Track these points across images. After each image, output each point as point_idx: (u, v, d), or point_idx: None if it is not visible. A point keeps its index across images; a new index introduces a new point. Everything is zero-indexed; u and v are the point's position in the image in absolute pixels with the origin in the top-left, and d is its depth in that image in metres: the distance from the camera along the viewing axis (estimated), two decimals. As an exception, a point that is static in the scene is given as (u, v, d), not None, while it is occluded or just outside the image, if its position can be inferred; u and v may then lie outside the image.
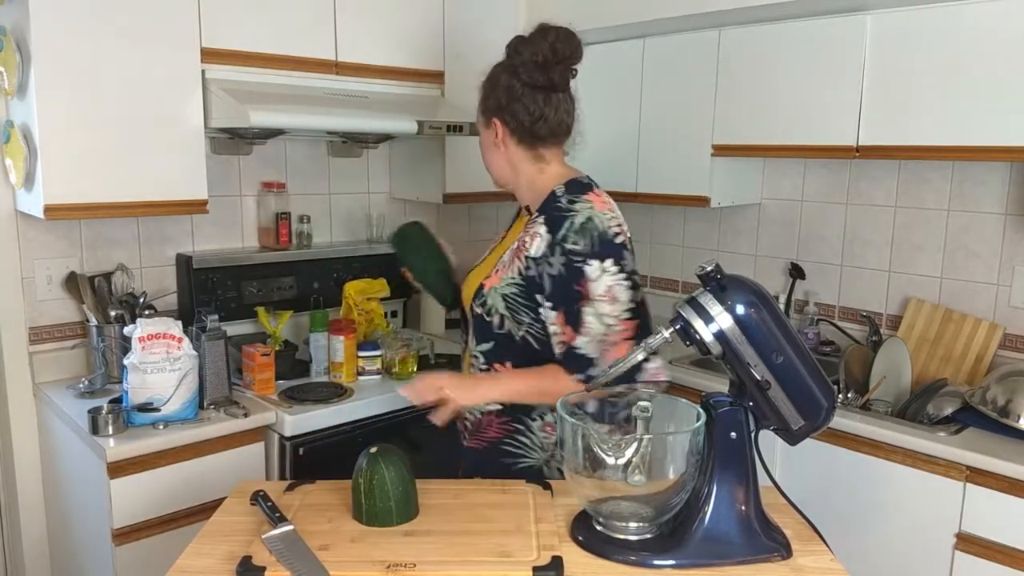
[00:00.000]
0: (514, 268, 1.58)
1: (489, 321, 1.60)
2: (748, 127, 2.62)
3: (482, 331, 1.63)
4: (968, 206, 2.47)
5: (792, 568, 1.21)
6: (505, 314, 1.58)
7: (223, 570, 1.18)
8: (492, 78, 1.64)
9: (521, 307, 1.57)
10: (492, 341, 1.61)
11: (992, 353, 2.41)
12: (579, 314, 1.51)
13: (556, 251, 1.52)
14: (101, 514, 1.98)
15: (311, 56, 2.40)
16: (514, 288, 1.57)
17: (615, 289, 1.51)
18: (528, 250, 1.56)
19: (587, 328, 1.51)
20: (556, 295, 1.52)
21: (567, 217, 1.53)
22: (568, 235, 1.52)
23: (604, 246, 1.51)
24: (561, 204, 1.55)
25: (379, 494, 1.30)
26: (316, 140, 2.81)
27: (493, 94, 1.63)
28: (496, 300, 1.59)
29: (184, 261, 2.49)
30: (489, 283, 1.61)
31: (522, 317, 1.57)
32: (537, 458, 1.63)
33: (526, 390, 1.57)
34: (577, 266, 1.50)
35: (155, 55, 2.12)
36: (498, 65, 1.64)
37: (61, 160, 2.02)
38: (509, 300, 1.57)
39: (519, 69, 1.60)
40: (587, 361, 1.51)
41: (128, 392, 2.03)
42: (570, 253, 1.51)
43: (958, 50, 2.14)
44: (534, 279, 1.54)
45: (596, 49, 3.08)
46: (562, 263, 1.51)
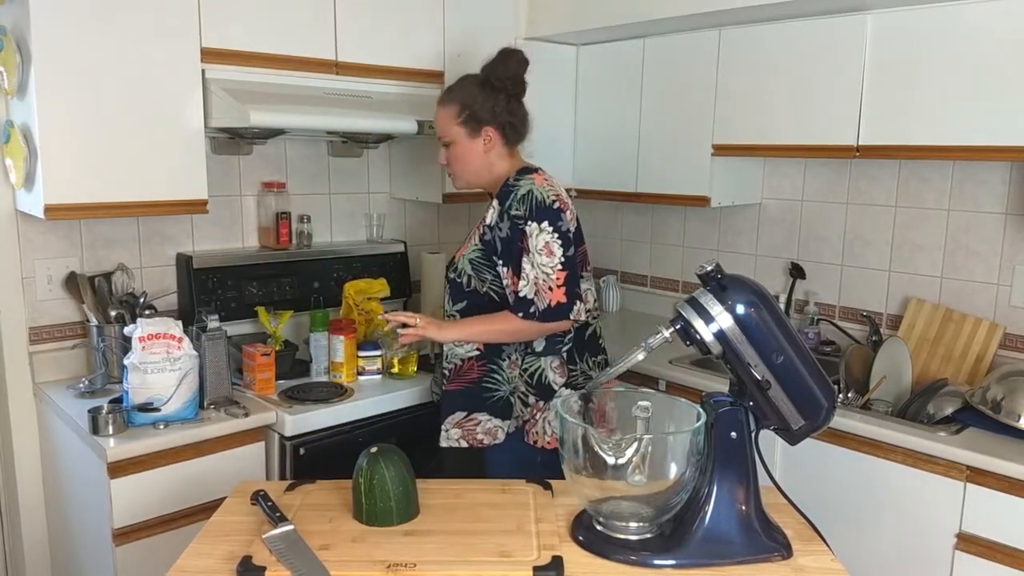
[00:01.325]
0: (476, 237, 2.01)
1: (460, 282, 2.03)
2: (748, 127, 2.62)
3: (456, 292, 2.04)
4: (968, 206, 2.47)
5: (792, 568, 1.22)
6: (472, 274, 2.00)
7: (223, 570, 1.18)
8: (477, 95, 1.98)
9: (483, 267, 1.99)
10: (464, 300, 2.03)
11: (992, 353, 2.41)
12: (520, 264, 1.90)
13: (504, 218, 1.94)
14: (101, 514, 1.99)
15: (311, 56, 2.40)
16: (476, 253, 2.00)
17: (551, 245, 1.89)
18: (485, 221, 1.99)
19: (524, 274, 1.90)
20: (505, 253, 1.95)
21: (512, 191, 1.96)
22: (512, 204, 1.93)
23: (540, 211, 1.90)
24: (509, 183, 1.98)
25: (379, 494, 1.30)
26: (316, 140, 2.81)
27: (484, 106, 1.98)
28: (464, 265, 2.02)
29: (184, 261, 2.49)
30: (459, 253, 2.06)
31: (484, 275, 1.99)
32: (505, 390, 2.01)
33: (482, 329, 1.95)
34: (520, 227, 1.91)
35: (155, 55, 2.12)
36: (475, 84, 2.00)
37: (61, 160, 2.02)
38: (474, 263, 2.00)
39: (505, 84, 1.99)
40: (528, 302, 1.90)
41: (128, 392, 2.03)
42: (514, 218, 1.92)
43: (958, 50, 2.14)
44: (490, 243, 1.97)
45: (596, 49, 3.08)
46: (508, 227, 1.93)
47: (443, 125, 2.03)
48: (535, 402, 1.99)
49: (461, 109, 2.00)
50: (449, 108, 2.02)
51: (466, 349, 2.01)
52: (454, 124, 2.01)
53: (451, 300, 2.06)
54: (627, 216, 3.45)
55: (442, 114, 2.04)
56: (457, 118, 2.01)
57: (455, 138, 2.02)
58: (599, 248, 3.56)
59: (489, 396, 2.01)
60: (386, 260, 2.89)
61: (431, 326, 1.94)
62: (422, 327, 1.93)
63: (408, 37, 2.62)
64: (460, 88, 2.04)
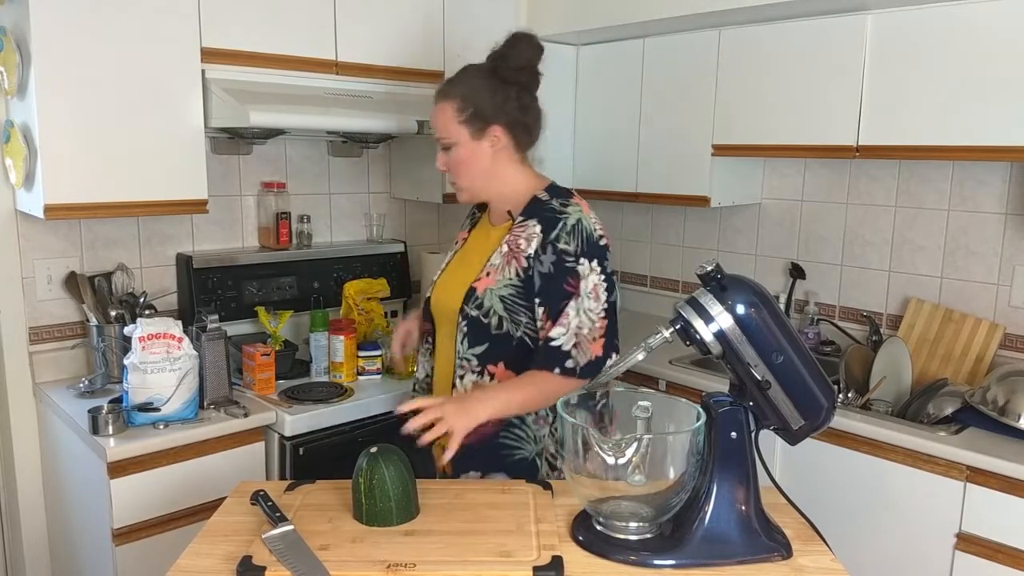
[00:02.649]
0: (510, 270, 1.63)
1: (487, 323, 1.64)
2: (748, 127, 2.62)
3: (477, 333, 1.65)
4: (968, 206, 2.47)
5: (792, 568, 1.21)
6: (504, 315, 1.63)
7: (223, 570, 1.18)
8: (483, 87, 1.67)
9: (520, 307, 1.63)
10: (487, 343, 1.65)
11: (992, 353, 2.41)
12: (562, 309, 1.59)
13: (548, 250, 1.61)
14: (101, 514, 1.99)
15: (311, 56, 2.40)
16: (511, 289, 1.63)
17: (599, 288, 1.61)
18: (527, 251, 1.63)
19: (566, 319, 1.58)
20: (543, 291, 1.61)
21: (560, 219, 1.62)
22: (561, 235, 1.61)
23: (591, 247, 1.61)
24: (553, 206, 1.65)
25: (379, 494, 1.30)
26: (316, 140, 2.81)
27: (491, 102, 1.67)
28: (494, 301, 1.64)
29: (184, 261, 2.49)
30: (483, 284, 1.65)
31: (520, 317, 1.63)
32: (530, 450, 1.66)
33: (520, 399, 1.59)
34: (569, 265, 1.59)
35: (155, 55, 2.12)
36: (481, 75, 1.69)
37: (61, 160, 2.02)
38: (507, 301, 1.63)
39: (516, 75, 1.68)
40: (563, 354, 1.58)
41: (128, 392, 2.03)
42: (562, 253, 1.60)
43: (958, 50, 2.14)
44: (532, 279, 1.61)
45: (596, 49, 3.08)
46: (552, 261, 1.60)
47: (443, 123, 1.70)
48: (561, 464, 1.67)
49: (464, 105, 1.68)
50: (450, 104, 1.69)
51: None
52: (455, 122, 1.68)
53: (467, 341, 1.66)
54: (627, 216, 3.45)
55: (441, 110, 1.70)
56: (459, 115, 1.68)
57: (457, 139, 1.69)
58: (599, 248, 3.56)
59: (509, 455, 1.66)
60: (386, 260, 2.89)
61: (457, 412, 1.49)
62: (448, 418, 1.48)
63: (408, 37, 2.62)
64: (462, 80, 1.71)
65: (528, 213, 1.67)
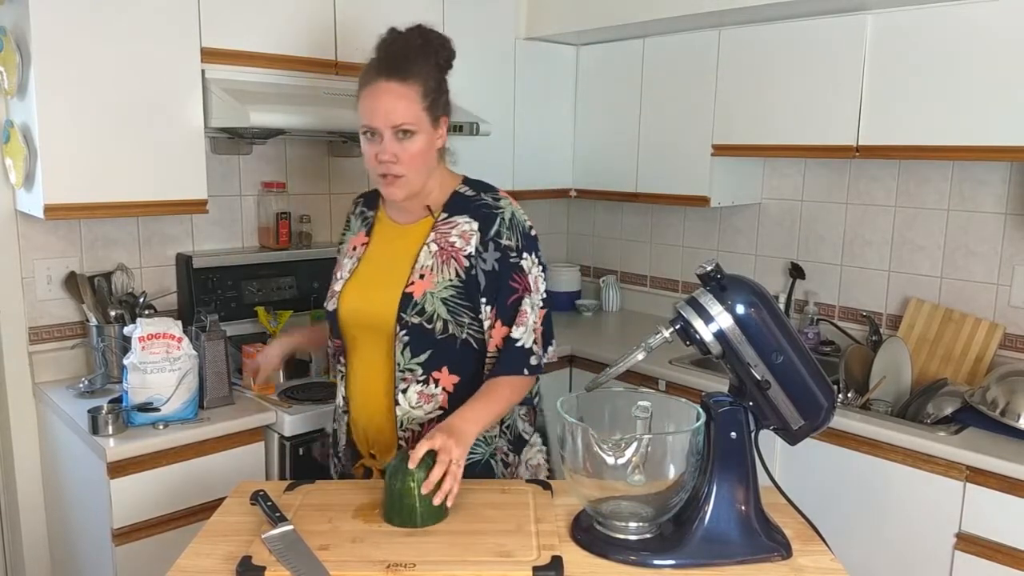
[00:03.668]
0: (448, 270, 1.55)
1: (430, 328, 1.54)
2: (748, 127, 2.62)
3: (420, 341, 1.55)
4: (968, 206, 2.47)
5: (792, 568, 1.21)
6: (448, 318, 1.54)
7: (223, 570, 1.18)
8: (434, 72, 1.56)
9: (462, 308, 1.55)
10: (430, 349, 1.55)
11: (992, 353, 2.41)
12: (516, 305, 1.55)
13: (490, 247, 1.55)
14: (101, 514, 1.98)
15: (311, 56, 2.40)
16: (452, 291, 1.54)
17: (539, 280, 1.59)
18: (466, 249, 1.55)
19: (524, 317, 1.55)
20: (489, 290, 1.55)
21: (496, 214, 1.57)
22: (501, 231, 1.56)
23: (528, 240, 1.58)
24: (486, 202, 1.59)
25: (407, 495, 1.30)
26: (316, 140, 2.81)
27: (442, 90, 1.57)
28: (436, 305, 1.54)
29: (184, 261, 2.49)
30: (420, 288, 1.54)
31: (463, 319, 1.55)
32: (482, 452, 1.60)
33: (500, 409, 1.53)
34: (513, 261, 1.55)
35: (155, 55, 2.12)
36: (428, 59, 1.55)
37: (61, 160, 2.02)
38: (449, 303, 1.54)
39: (448, 65, 1.60)
40: (527, 353, 1.55)
41: (128, 392, 2.03)
42: (505, 249, 1.55)
43: (958, 50, 2.14)
44: (474, 277, 1.54)
45: (596, 49, 3.08)
46: (496, 258, 1.55)
47: (405, 107, 1.50)
48: (513, 459, 1.66)
49: (426, 90, 1.52)
50: (413, 87, 1.51)
51: (426, 410, 1.57)
52: (420, 107, 1.51)
53: (409, 350, 1.55)
54: (627, 216, 3.45)
55: (404, 93, 1.50)
56: (423, 100, 1.52)
57: (419, 127, 1.51)
58: (599, 248, 3.56)
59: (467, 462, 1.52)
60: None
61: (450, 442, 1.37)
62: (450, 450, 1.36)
63: (408, 37, 2.62)
64: (416, 61, 1.53)
65: (453, 209, 1.59)
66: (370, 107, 1.51)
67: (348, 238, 1.72)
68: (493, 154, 2.89)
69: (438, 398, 1.57)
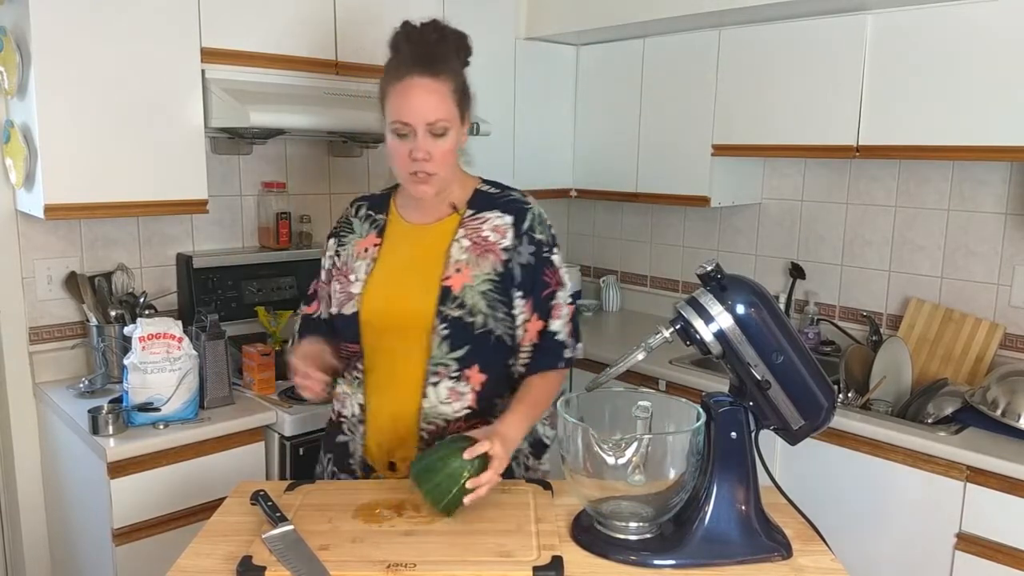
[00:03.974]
0: (486, 264, 1.53)
1: (470, 322, 1.51)
2: (748, 127, 2.62)
3: (459, 335, 1.52)
4: (968, 206, 2.47)
5: (792, 568, 1.21)
6: (487, 312, 1.52)
7: (223, 570, 1.18)
8: (459, 69, 1.54)
9: (499, 303, 1.53)
10: (468, 344, 1.52)
11: (992, 353, 2.41)
12: (550, 299, 1.56)
13: (524, 240, 1.55)
14: (101, 514, 1.99)
15: (311, 56, 2.40)
16: (489, 284, 1.52)
17: (566, 276, 1.60)
18: (502, 243, 1.54)
19: (560, 311, 1.57)
20: (525, 284, 1.54)
21: (527, 209, 1.58)
22: (534, 225, 1.56)
23: (554, 237, 1.60)
24: (515, 197, 1.60)
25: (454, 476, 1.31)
26: (316, 140, 2.81)
27: (467, 87, 1.54)
28: (476, 298, 1.51)
29: (184, 261, 2.49)
30: (458, 281, 1.51)
31: (499, 312, 1.53)
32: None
33: (540, 414, 1.56)
34: (545, 255, 1.56)
35: (155, 55, 2.12)
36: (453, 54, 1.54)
37: (61, 160, 2.02)
38: (488, 297, 1.52)
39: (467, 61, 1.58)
40: (563, 346, 1.57)
41: (128, 392, 2.03)
42: (540, 243, 1.56)
43: (958, 50, 2.14)
44: (511, 272, 1.53)
45: (596, 49, 3.08)
46: (531, 252, 1.55)
47: (441, 102, 1.46)
48: (534, 464, 1.64)
49: (456, 85, 1.50)
50: (447, 82, 1.48)
51: (454, 408, 1.54)
52: (453, 103, 1.48)
53: (448, 344, 1.52)
54: (627, 216, 3.45)
55: (439, 90, 1.47)
56: (455, 96, 1.49)
57: (453, 123, 1.49)
58: (599, 248, 3.56)
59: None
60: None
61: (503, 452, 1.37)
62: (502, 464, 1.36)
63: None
64: (445, 56, 1.51)
65: (479, 205, 1.58)
66: (402, 103, 1.46)
67: (352, 241, 1.63)
68: (493, 154, 2.89)
69: (467, 397, 1.55)
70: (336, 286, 1.62)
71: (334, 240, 1.68)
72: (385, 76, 1.52)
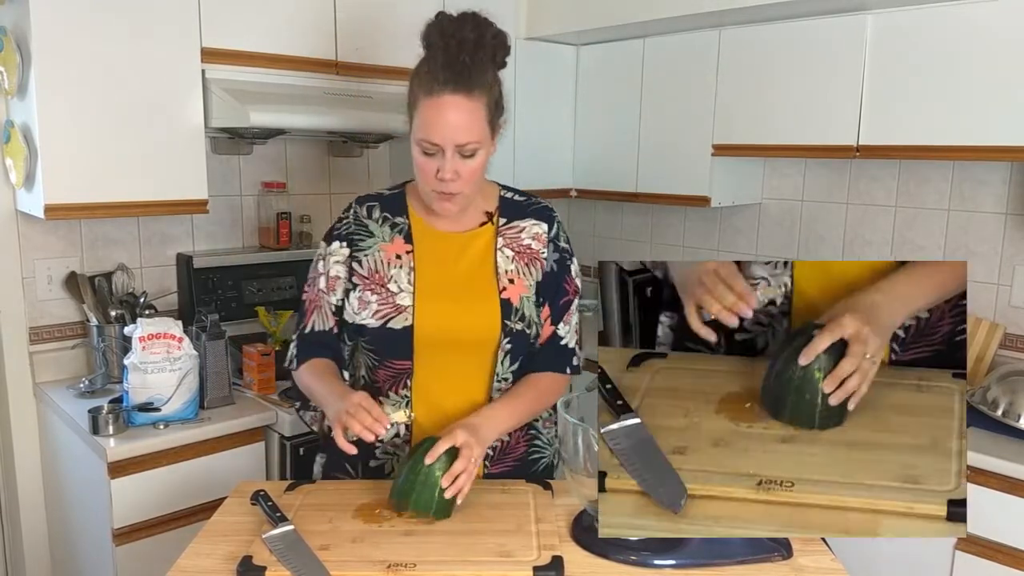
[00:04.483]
0: (532, 273, 1.52)
1: (529, 334, 1.51)
2: (748, 127, 2.62)
3: (519, 348, 1.50)
4: (968, 206, 2.47)
5: (792, 568, 1.21)
6: (538, 322, 1.52)
7: (223, 570, 1.18)
8: (495, 75, 1.43)
9: (538, 310, 1.53)
10: (522, 356, 1.51)
11: (992, 353, 2.41)
12: (567, 307, 1.56)
13: (550, 248, 1.55)
14: (101, 514, 1.99)
15: (311, 56, 2.40)
16: (531, 292, 1.51)
17: (580, 284, 1.60)
18: (541, 251, 1.54)
19: (570, 317, 1.57)
20: (547, 290, 1.53)
21: (554, 217, 1.58)
22: (559, 233, 1.57)
23: (571, 244, 1.60)
24: (543, 204, 1.59)
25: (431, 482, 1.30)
26: (316, 140, 2.81)
27: (502, 97, 1.45)
28: (531, 310, 1.50)
29: (184, 261, 2.49)
30: (515, 294, 1.49)
31: (537, 320, 1.53)
32: (549, 454, 1.63)
33: (527, 410, 1.51)
34: (567, 263, 1.57)
35: (155, 55, 2.12)
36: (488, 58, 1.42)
37: (61, 160, 2.02)
38: (535, 307, 1.52)
39: (504, 63, 1.45)
40: (571, 353, 1.57)
41: (128, 392, 2.03)
42: (563, 251, 1.56)
43: (958, 50, 2.14)
44: (543, 279, 1.53)
45: (596, 49, 3.08)
46: (555, 260, 1.54)
47: (473, 123, 1.38)
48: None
49: (490, 99, 1.40)
50: (481, 99, 1.38)
51: None
52: (486, 122, 1.40)
53: (511, 359, 1.50)
54: (627, 216, 3.45)
55: (471, 107, 1.37)
56: (488, 113, 1.40)
57: (484, 143, 1.41)
58: (599, 248, 3.56)
59: (535, 466, 1.60)
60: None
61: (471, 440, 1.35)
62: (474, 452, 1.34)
63: (408, 37, 2.60)
64: (482, 66, 1.39)
65: (510, 214, 1.54)
66: (433, 121, 1.37)
67: (375, 246, 1.51)
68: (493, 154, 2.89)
69: None
70: (369, 295, 1.48)
71: (342, 244, 1.53)
72: (415, 80, 1.43)
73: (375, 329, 1.47)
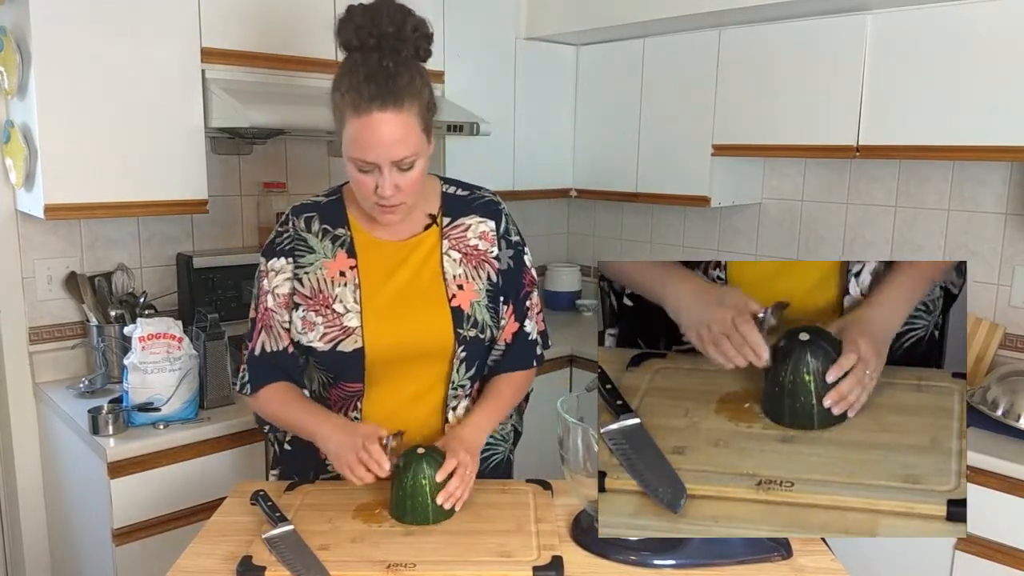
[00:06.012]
0: (483, 275, 1.47)
1: (482, 339, 1.47)
2: (748, 127, 2.62)
3: (474, 354, 1.47)
4: (968, 206, 2.47)
5: (792, 568, 1.21)
6: (491, 324, 1.48)
7: (223, 570, 1.18)
8: (424, 76, 1.35)
9: (494, 311, 1.48)
10: (478, 360, 1.49)
11: (992, 353, 2.41)
12: (526, 300, 1.54)
13: (502, 245, 1.51)
14: (101, 514, 1.98)
15: (311, 56, 2.40)
16: (487, 296, 1.47)
17: (535, 272, 1.58)
18: (490, 250, 1.49)
19: (533, 311, 1.55)
20: (507, 288, 1.50)
21: (500, 210, 1.53)
22: (509, 227, 1.53)
23: (520, 233, 1.56)
24: (488, 198, 1.53)
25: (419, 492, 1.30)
26: (316, 140, 2.81)
27: (431, 95, 1.37)
28: (484, 314, 1.46)
29: (184, 261, 2.49)
30: (465, 300, 1.45)
31: (495, 323, 1.49)
32: (503, 450, 1.62)
33: (506, 412, 1.54)
34: (522, 256, 1.54)
35: (155, 55, 2.12)
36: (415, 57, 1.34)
37: (61, 160, 2.02)
38: (488, 310, 1.47)
39: (429, 53, 1.38)
40: (534, 345, 1.56)
41: (128, 392, 2.03)
42: (516, 245, 1.53)
43: (958, 50, 2.14)
44: (499, 279, 1.49)
45: (596, 49, 3.08)
46: (510, 256, 1.51)
47: (407, 136, 1.30)
48: (512, 452, 1.67)
49: (421, 107, 1.33)
50: (410, 108, 1.30)
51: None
52: (419, 131, 1.33)
53: (466, 366, 1.47)
54: (627, 216, 3.45)
55: (403, 121, 1.29)
56: (421, 123, 1.33)
57: (421, 152, 1.34)
58: (599, 248, 3.56)
59: (485, 463, 1.55)
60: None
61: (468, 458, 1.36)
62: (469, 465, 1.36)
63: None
64: (407, 71, 1.30)
65: (453, 212, 1.48)
66: (365, 141, 1.29)
67: (317, 262, 1.44)
68: (493, 154, 2.89)
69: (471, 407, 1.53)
70: (314, 316, 1.42)
71: (286, 260, 1.45)
72: (338, 93, 1.32)
73: (324, 353, 1.43)
